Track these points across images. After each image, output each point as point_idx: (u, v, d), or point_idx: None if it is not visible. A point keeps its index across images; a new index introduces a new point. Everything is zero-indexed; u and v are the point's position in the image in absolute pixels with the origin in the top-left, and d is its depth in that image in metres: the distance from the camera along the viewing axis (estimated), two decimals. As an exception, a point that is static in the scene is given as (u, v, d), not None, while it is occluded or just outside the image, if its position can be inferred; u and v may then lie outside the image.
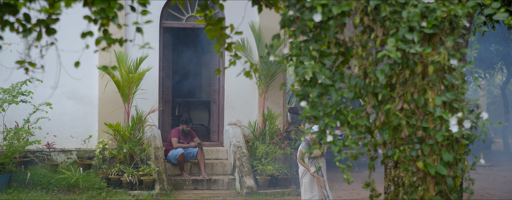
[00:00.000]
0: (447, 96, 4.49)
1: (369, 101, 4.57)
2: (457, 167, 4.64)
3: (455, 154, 4.61)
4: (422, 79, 4.59)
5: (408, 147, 4.61)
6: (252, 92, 14.93)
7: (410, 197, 4.64)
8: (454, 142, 4.61)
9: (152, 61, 14.26)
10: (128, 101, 13.63)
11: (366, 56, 4.56)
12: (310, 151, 4.68)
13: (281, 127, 14.73)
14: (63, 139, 14.14)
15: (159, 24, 14.47)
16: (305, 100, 4.52)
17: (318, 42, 4.53)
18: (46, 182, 12.76)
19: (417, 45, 4.37)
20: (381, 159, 4.73)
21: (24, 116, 13.43)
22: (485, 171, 17.83)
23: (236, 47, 4.85)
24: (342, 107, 4.54)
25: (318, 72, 4.42)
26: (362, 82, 4.55)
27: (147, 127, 14.03)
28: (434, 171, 4.53)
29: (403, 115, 4.56)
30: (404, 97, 4.58)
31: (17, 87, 13.00)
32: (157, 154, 13.48)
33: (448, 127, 4.52)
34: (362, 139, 4.60)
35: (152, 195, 12.65)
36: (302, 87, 4.51)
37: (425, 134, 4.59)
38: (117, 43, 4.59)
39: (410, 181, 4.64)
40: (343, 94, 4.50)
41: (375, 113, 4.73)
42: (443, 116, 4.50)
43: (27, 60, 4.69)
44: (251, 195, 13.09)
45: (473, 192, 4.72)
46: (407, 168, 4.63)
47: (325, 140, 4.52)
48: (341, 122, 4.53)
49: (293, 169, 14.09)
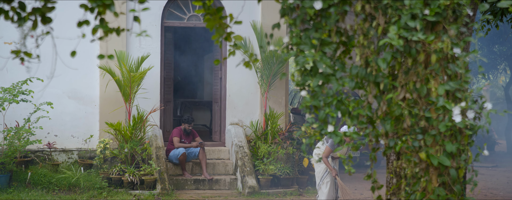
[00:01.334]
0: (450, 85, 4.40)
1: (370, 90, 4.49)
2: (460, 158, 4.55)
3: (458, 145, 4.52)
4: (424, 69, 4.51)
5: (410, 137, 4.52)
6: (254, 92, 14.84)
7: (413, 189, 4.55)
8: (457, 132, 4.52)
9: (154, 60, 14.19)
10: (129, 101, 13.56)
11: (368, 44, 4.47)
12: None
13: (283, 127, 14.65)
14: (64, 139, 14.07)
15: (160, 23, 14.40)
16: (305, 90, 4.44)
17: (319, 31, 4.45)
18: (46, 182, 12.69)
19: (419, 33, 4.29)
20: (383, 151, 4.64)
21: (25, 115, 13.36)
22: (489, 171, 17.73)
23: (236, 37, 4.77)
24: (343, 97, 4.45)
25: (318, 60, 4.34)
26: (364, 71, 4.46)
27: (148, 127, 13.96)
28: (437, 162, 4.44)
29: (406, 105, 4.47)
30: (407, 87, 4.49)
31: (17, 86, 12.94)
32: (158, 154, 13.40)
33: (451, 117, 4.43)
34: (363, 129, 4.51)
35: (153, 195, 12.57)
36: (302, 77, 4.43)
37: (428, 124, 4.50)
38: (115, 33, 4.51)
39: (412, 172, 4.55)
40: (344, 84, 4.41)
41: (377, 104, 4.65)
42: (446, 106, 4.42)
43: (22, 50, 4.62)
44: (253, 195, 13.00)
45: (476, 184, 4.64)
46: (409, 159, 4.54)
47: (326, 131, 4.43)
48: (342, 112, 4.44)
49: (295, 169, 14.00)
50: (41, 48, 4.64)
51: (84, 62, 14.01)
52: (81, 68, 14.03)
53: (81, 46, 13.78)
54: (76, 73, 14.04)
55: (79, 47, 13.71)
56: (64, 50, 7.12)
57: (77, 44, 6.48)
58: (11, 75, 13.61)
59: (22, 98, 12.98)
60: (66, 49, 6.31)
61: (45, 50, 6.58)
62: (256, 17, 14.52)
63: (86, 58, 13.98)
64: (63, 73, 14.00)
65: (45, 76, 12.93)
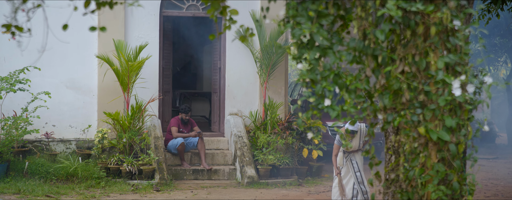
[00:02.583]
0: (450, 58, 4.31)
1: (368, 64, 4.39)
2: (460, 133, 4.46)
3: (458, 120, 4.43)
4: (424, 41, 4.41)
5: (409, 112, 4.43)
6: (253, 82, 14.75)
7: (411, 165, 4.46)
8: (457, 107, 4.42)
9: (152, 50, 14.09)
10: (127, 90, 13.46)
11: (366, 16, 4.38)
12: (348, 144, 4.52)
13: (282, 117, 14.55)
14: (62, 129, 13.98)
15: (159, 13, 14.30)
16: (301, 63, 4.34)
17: (316, 2, 4.35)
18: (44, 171, 12.61)
19: (418, 3, 4.19)
20: (381, 126, 4.55)
21: (23, 105, 13.27)
22: (490, 163, 17.67)
23: (231, 11, 4.67)
24: (340, 70, 4.36)
25: (315, 32, 4.24)
26: (361, 44, 4.36)
27: (147, 117, 13.86)
28: (436, 136, 4.35)
29: (404, 79, 4.38)
30: (405, 60, 4.40)
31: (14, 75, 12.85)
32: (157, 144, 13.31)
33: (450, 91, 4.34)
34: (361, 103, 4.42)
35: (151, 185, 12.49)
36: (299, 50, 4.33)
37: (427, 98, 4.41)
38: (108, 6, 4.42)
39: (411, 148, 4.45)
40: (341, 57, 4.32)
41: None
42: (445, 80, 4.32)
43: (13, 24, 4.53)
44: (252, 185, 12.92)
45: (477, 160, 4.54)
46: (408, 134, 4.45)
47: (322, 105, 4.34)
48: (340, 86, 4.35)
49: (295, 159, 13.92)
50: (29, 13, 4.53)
51: (82, 52, 13.93)
52: (79, 57, 13.96)
53: (79, 36, 13.80)
54: (74, 63, 13.97)
55: (77, 36, 13.77)
56: (58, 23, 7.04)
57: (69, 16, 6.39)
58: (9, 65, 13.52)
59: (20, 87, 12.89)
60: (59, 22, 6.20)
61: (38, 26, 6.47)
62: (256, 7, 14.37)
63: (84, 48, 13.92)
64: (61, 62, 13.93)
65: (46, 71, 12.85)
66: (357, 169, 10.15)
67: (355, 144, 10.16)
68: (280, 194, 12.00)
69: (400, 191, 4.53)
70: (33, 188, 11.70)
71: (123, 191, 12.04)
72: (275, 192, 12.41)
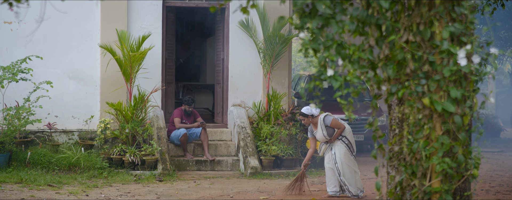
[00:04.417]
0: (456, 27, 4.22)
1: (372, 33, 4.30)
2: (465, 104, 4.37)
3: (463, 91, 4.34)
4: (428, 11, 4.32)
5: (413, 82, 4.34)
6: (257, 73, 14.67)
7: (415, 137, 4.37)
8: (462, 77, 4.34)
9: (155, 40, 14.00)
10: (130, 81, 13.39)
11: (369, -16, 4.29)
12: None
13: (286, 108, 14.47)
14: (65, 120, 13.93)
15: (162, 3, 14.23)
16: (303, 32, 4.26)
17: (318, -30, 4.26)
18: (46, 162, 12.54)
19: (423, -31, 4.11)
20: (385, 98, 4.46)
21: (25, 95, 13.20)
22: (495, 156, 17.60)
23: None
24: (343, 40, 4.27)
25: (318, 1, 4.16)
26: (365, 13, 4.27)
27: (150, 107, 13.79)
28: (441, 108, 4.26)
29: (409, 48, 4.29)
30: (410, 29, 4.30)
31: (16, 65, 12.80)
32: (159, 134, 13.24)
33: (456, 61, 4.25)
34: (364, 74, 4.33)
35: (154, 175, 12.42)
36: (301, 19, 4.25)
37: (432, 69, 4.32)
38: None
39: (415, 119, 4.36)
40: (344, 27, 4.23)
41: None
42: (450, 50, 4.23)
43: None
44: (255, 176, 12.84)
45: (482, 132, 4.45)
46: (412, 105, 4.36)
47: (325, 75, 4.25)
48: (342, 56, 4.26)
49: (298, 150, 13.84)
50: None
51: (85, 42, 13.88)
52: (82, 48, 13.91)
53: (82, 26, 13.75)
54: (77, 53, 13.91)
55: (80, 26, 13.71)
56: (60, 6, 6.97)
57: None
58: (11, 56, 13.47)
59: (22, 77, 12.84)
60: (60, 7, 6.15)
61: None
62: (259, -2, 14.31)
63: (87, 38, 13.86)
64: (63, 53, 13.88)
65: (49, 62, 12.78)
66: (335, 161, 10.34)
67: (319, 136, 10.34)
68: (283, 184, 11.90)
69: (404, 164, 4.44)
70: (35, 178, 11.64)
71: (126, 181, 11.97)
72: (278, 182, 12.33)
